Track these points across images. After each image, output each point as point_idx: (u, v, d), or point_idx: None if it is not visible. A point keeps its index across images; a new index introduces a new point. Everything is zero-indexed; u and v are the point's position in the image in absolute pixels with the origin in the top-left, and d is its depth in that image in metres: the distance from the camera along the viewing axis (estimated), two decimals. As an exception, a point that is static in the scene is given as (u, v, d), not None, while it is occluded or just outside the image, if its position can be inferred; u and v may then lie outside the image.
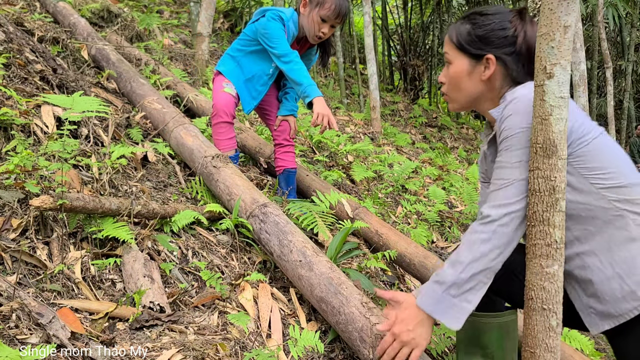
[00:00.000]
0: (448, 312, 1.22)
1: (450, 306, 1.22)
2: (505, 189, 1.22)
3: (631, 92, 9.92)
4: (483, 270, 1.20)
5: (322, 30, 2.41)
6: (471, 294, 1.21)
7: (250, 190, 2.14)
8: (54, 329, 1.28)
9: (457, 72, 1.40)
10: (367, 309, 1.51)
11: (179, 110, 2.84)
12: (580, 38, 3.59)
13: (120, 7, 4.93)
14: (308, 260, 1.75)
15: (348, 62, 9.40)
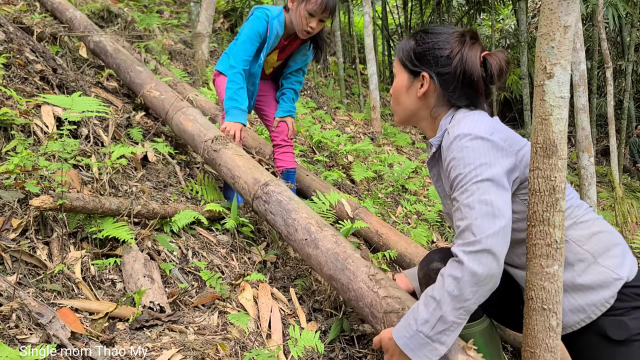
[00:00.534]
0: (419, 351, 1.19)
1: (422, 345, 1.18)
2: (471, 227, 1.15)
3: (631, 92, 9.92)
4: (456, 310, 1.15)
5: (310, 25, 2.39)
6: (444, 335, 1.17)
7: (252, 170, 2.09)
8: (54, 329, 1.28)
9: (397, 86, 1.44)
10: (375, 281, 1.46)
11: (176, 94, 2.79)
12: (580, 38, 3.59)
13: (120, 7, 4.93)
14: (313, 237, 1.70)
15: (348, 62, 9.40)
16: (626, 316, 1.21)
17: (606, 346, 1.22)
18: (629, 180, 9.54)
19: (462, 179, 1.20)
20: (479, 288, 1.13)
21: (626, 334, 1.20)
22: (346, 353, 1.73)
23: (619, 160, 8.19)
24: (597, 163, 10.74)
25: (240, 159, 2.19)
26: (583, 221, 1.29)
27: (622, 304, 1.22)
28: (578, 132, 3.86)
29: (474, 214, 1.15)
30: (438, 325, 1.16)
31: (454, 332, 1.17)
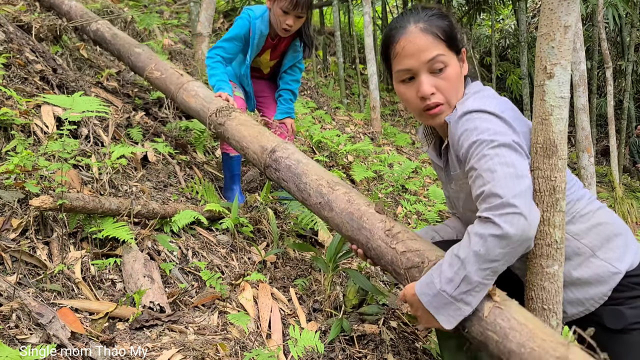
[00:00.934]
0: (443, 310, 1.11)
1: (446, 304, 1.11)
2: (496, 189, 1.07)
3: (631, 92, 9.92)
4: (482, 270, 1.06)
5: (287, 22, 2.37)
6: (469, 296, 1.09)
7: (258, 138, 2.02)
8: (54, 329, 1.28)
9: (456, 72, 1.27)
10: (392, 237, 1.38)
11: (175, 70, 2.76)
12: (580, 38, 3.59)
13: (120, 7, 4.93)
14: (326, 199, 1.62)
15: (348, 62, 9.40)
16: (624, 305, 1.21)
17: (604, 336, 1.21)
18: (629, 180, 9.54)
19: (477, 145, 1.12)
20: (510, 250, 1.05)
21: (623, 323, 1.19)
22: (346, 353, 1.73)
23: (619, 160, 8.19)
24: (597, 163, 10.74)
25: (245, 128, 2.11)
26: (583, 214, 1.27)
27: (620, 294, 1.22)
28: (578, 132, 3.86)
29: (496, 176, 1.07)
30: (462, 285, 1.08)
31: (480, 292, 1.09)
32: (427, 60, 1.24)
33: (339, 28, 7.28)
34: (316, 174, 1.74)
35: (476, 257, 1.06)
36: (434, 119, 1.29)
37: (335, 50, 7.86)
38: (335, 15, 7.27)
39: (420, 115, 1.31)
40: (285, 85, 2.73)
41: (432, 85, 1.25)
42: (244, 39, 2.51)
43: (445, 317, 1.11)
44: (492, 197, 1.06)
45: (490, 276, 1.08)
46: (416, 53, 1.24)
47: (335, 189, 1.63)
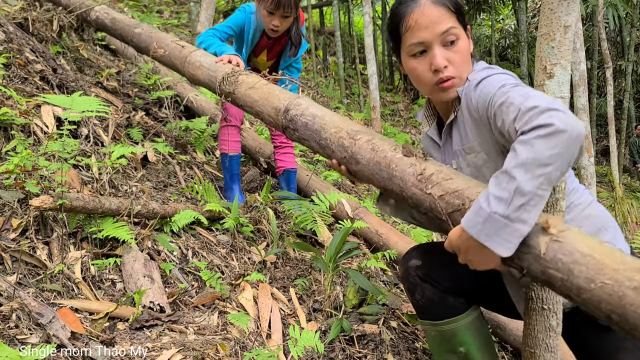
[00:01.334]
0: (497, 236, 0.96)
1: (500, 228, 0.95)
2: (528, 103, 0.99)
3: (631, 92, 9.92)
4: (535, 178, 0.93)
5: (273, 23, 2.37)
6: (524, 212, 0.94)
7: (268, 99, 1.89)
8: (54, 329, 1.28)
9: (466, 46, 1.26)
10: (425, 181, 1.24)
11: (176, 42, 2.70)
12: (580, 38, 3.59)
13: (120, 7, 4.93)
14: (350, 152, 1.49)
15: (348, 62, 9.40)
16: None
17: (596, 333, 1.20)
18: (629, 180, 9.54)
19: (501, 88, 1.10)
20: (560, 150, 0.93)
21: None
22: (346, 353, 1.73)
23: (619, 160, 8.19)
24: (597, 163, 10.74)
25: (255, 92, 2.02)
26: (577, 204, 1.27)
27: None
28: (578, 132, 3.85)
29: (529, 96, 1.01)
30: (515, 200, 0.94)
31: (536, 207, 0.95)
32: (441, 32, 1.22)
33: (339, 28, 7.28)
34: (334, 126, 1.60)
35: (525, 165, 0.94)
36: (447, 92, 1.26)
37: (335, 50, 7.86)
38: (335, 15, 7.27)
39: (432, 90, 1.29)
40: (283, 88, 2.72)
41: (445, 58, 1.23)
42: (239, 31, 2.51)
43: (501, 243, 0.96)
44: (529, 111, 0.98)
45: (544, 186, 0.94)
46: (430, 25, 1.22)
47: (357, 139, 1.49)
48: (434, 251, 1.48)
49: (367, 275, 2.28)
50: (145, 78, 3.45)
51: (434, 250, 1.48)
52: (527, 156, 0.94)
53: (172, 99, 3.44)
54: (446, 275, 1.42)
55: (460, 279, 1.41)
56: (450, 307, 1.42)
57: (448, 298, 1.42)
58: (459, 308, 1.43)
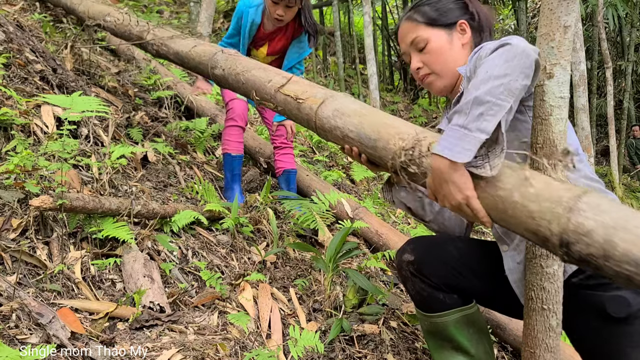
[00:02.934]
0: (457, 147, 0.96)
1: (459, 138, 0.97)
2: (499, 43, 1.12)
3: (631, 92, 9.92)
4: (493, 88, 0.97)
5: (277, 13, 2.38)
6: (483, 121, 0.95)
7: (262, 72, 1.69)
8: (54, 329, 1.29)
9: (439, 45, 1.42)
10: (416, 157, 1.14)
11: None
12: (580, 38, 3.59)
13: (120, 7, 4.93)
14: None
15: (348, 62, 9.41)
16: (626, 290, 1.16)
17: (607, 326, 1.18)
18: (629, 180, 9.54)
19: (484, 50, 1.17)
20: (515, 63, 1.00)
21: (627, 311, 1.15)
22: (346, 353, 1.73)
23: (618, 160, 8.19)
24: (597, 163, 10.74)
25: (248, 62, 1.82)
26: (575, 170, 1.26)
27: None
28: (578, 132, 3.86)
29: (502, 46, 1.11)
30: (473, 109, 0.96)
31: (495, 116, 0.96)
32: (409, 43, 1.46)
33: (339, 28, 7.28)
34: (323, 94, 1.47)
35: (482, 79, 1.00)
36: (429, 87, 1.48)
37: (335, 50, 7.87)
38: (335, 15, 7.27)
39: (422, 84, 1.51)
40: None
41: (419, 61, 1.45)
42: (239, 25, 2.54)
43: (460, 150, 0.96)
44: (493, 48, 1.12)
45: (504, 95, 0.97)
46: (402, 39, 1.49)
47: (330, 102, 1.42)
48: (429, 247, 1.49)
49: (367, 275, 2.28)
50: (145, 78, 3.45)
51: (430, 246, 1.50)
52: (485, 71, 1.02)
53: (172, 99, 3.44)
54: (438, 272, 1.43)
55: (455, 276, 1.42)
56: (440, 302, 1.44)
57: (438, 294, 1.43)
58: (451, 304, 1.44)
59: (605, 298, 1.19)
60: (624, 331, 1.17)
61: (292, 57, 2.65)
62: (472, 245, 1.52)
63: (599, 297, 1.20)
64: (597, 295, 1.20)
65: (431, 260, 1.45)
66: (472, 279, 1.43)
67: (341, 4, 8.77)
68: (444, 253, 1.46)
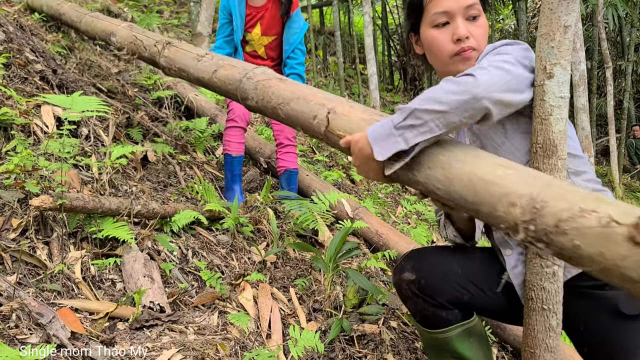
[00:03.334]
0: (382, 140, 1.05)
1: (386, 135, 1.04)
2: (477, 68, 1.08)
3: (631, 92, 9.92)
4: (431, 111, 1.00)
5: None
6: (409, 131, 1.01)
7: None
8: (54, 329, 1.28)
9: (486, 23, 1.34)
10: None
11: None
12: (580, 38, 3.59)
13: (120, 7, 4.93)
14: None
15: (348, 62, 9.41)
16: None
17: (620, 323, 1.18)
18: (629, 180, 9.55)
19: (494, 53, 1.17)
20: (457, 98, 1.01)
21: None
22: (346, 353, 1.73)
23: (619, 160, 8.19)
24: (597, 163, 10.74)
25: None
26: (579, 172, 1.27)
27: None
28: (578, 132, 3.86)
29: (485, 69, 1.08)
30: (409, 118, 1.02)
31: (422, 135, 1.01)
32: (466, 5, 1.29)
33: (339, 28, 7.28)
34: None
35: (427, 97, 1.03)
36: (465, 63, 1.30)
37: (335, 50, 7.87)
38: (335, 15, 7.27)
39: (450, 61, 1.32)
40: (292, 70, 2.65)
41: (468, 29, 1.29)
42: (228, 11, 2.54)
43: (379, 148, 1.04)
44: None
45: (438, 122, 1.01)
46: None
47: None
48: (430, 261, 1.42)
49: (367, 275, 2.28)
50: (145, 78, 3.45)
51: (431, 260, 1.43)
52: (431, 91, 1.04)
53: (172, 99, 3.44)
54: (441, 291, 1.36)
55: (458, 290, 1.36)
56: (443, 319, 1.38)
57: (441, 312, 1.37)
58: (453, 319, 1.39)
59: (619, 296, 1.18)
60: (637, 328, 1.18)
61: (291, 38, 2.61)
62: (469, 254, 1.46)
63: (612, 295, 1.19)
64: (609, 294, 1.20)
65: (434, 279, 1.37)
66: (474, 292, 1.38)
67: (341, 4, 8.77)
68: (446, 269, 1.39)
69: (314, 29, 8.84)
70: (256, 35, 2.62)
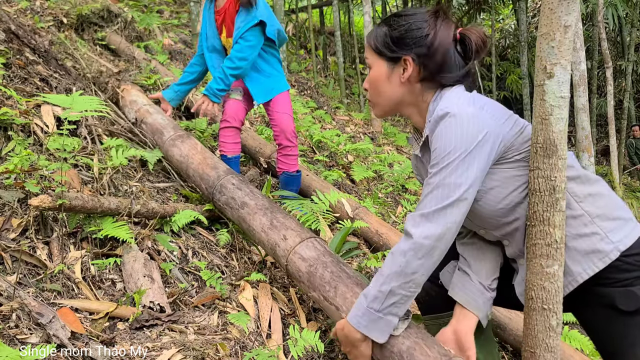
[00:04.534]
0: (374, 326, 1.21)
1: (375, 320, 1.21)
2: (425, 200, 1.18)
3: (631, 92, 9.92)
4: (405, 284, 1.17)
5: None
6: (395, 307, 1.20)
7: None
8: (54, 328, 1.28)
9: (376, 76, 1.36)
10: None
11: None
12: (580, 38, 3.59)
13: (120, 7, 4.93)
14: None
15: (348, 62, 9.40)
16: (635, 286, 1.19)
17: (618, 318, 1.20)
18: (629, 180, 9.54)
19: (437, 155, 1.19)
20: (426, 259, 1.16)
21: (636, 305, 1.18)
22: (346, 353, 1.73)
23: (619, 160, 8.19)
24: (597, 163, 10.73)
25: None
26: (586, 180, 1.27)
27: (629, 274, 1.19)
28: (578, 132, 3.86)
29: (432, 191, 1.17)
30: (388, 299, 1.18)
31: (405, 303, 1.20)
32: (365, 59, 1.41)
33: (339, 28, 7.28)
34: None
35: (398, 273, 1.17)
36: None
37: (335, 50, 7.87)
38: (335, 15, 7.27)
39: None
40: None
41: (367, 81, 1.41)
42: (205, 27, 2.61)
43: (377, 333, 1.22)
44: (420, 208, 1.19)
45: (412, 288, 1.19)
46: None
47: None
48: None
49: (367, 275, 2.28)
50: (145, 78, 3.45)
51: None
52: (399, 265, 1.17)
53: (172, 99, 3.43)
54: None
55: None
56: (449, 300, 1.42)
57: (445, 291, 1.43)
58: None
59: (615, 293, 1.20)
60: (634, 324, 1.19)
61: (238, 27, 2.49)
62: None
63: (609, 292, 1.21)
64: (607, 291, 1.22)
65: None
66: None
67: (341, 3, 8.77)
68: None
69: (314, 29, 8.84)
70: (224, 38, 2.61)
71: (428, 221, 1.16)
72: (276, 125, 2.60)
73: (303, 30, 9.65)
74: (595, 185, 1.27)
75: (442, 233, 1.15)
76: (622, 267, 1.20)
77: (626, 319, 1.19)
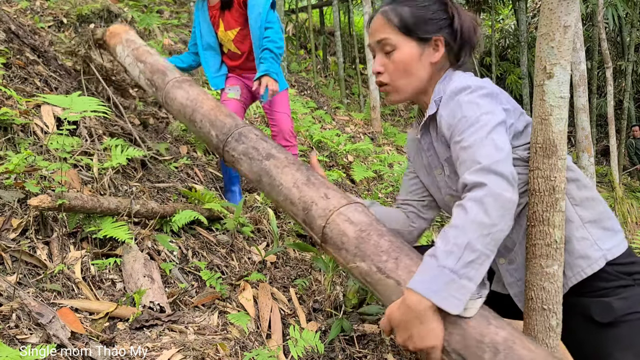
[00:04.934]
0: (445, 291, 0.95)
1: (448, 283, 0.95)
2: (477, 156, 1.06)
3: (631, 92, 9.92)
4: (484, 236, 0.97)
5: None
6: (472, 269, 0.95)
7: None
8: (54, 329, 1.28)
9: (407, 58, 1.29)
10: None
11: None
12: (580, 38, 3.59)
13: (120, 7, 4.93)
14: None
15: (348, 62, 9.40)
16: (611, 297, 1.17)
17: (594, 330, 1.19)
18: (629, 180, 9.54)
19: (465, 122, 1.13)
20: (505, 212, 0.99)
21: (612, 316, 1.16)
22: (346, 353, 1.73)
23: (619, 160, 8.19)
24: (597, 163, 10.74)
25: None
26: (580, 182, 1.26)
27: (607, 284, 1.18)
28: (578, 132, 3.86)
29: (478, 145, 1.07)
30: (465, 255, 0.95)
31: (482, 266, 0.97)
32: (377, 40, 1.32)
33: (339, 28, 7.28)
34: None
35: (476, 223, 0.97)
36: (386, 96, 1.37)
37: (335, 50, 7.87)
38: (335, 15, 7.27)
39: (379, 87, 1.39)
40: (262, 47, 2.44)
41: (382, 64, 1.32)
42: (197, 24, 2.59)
43: (451, 300, 0.95)
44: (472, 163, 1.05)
45: (491, 246, 0.98)
46: (372, 33, 1.34)
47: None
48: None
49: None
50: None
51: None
52: (476, 214, 0.97)
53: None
54: None
55: None
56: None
57: None
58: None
59: (590, 303, 1.20)
60: (611, 335, 1.17)
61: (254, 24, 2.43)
62: None
63: (585, 301, 1.21)
64: (582, 300, 1.22)
65: None
66: None
67: (341, 3, 8.77)
68: None
69: (314, 29, 8.84)
70: (222, 33, 2.57)
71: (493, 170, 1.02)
72: (275, 125, 2.59)
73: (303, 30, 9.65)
74: (592, 192, 1.27)
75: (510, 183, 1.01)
76: (601, 275, 1.19)
77: (603, 330, 1.17)
